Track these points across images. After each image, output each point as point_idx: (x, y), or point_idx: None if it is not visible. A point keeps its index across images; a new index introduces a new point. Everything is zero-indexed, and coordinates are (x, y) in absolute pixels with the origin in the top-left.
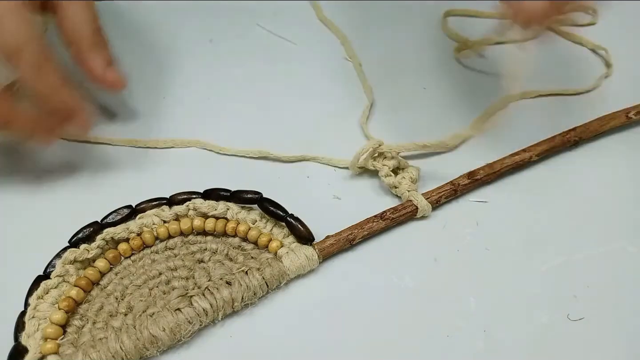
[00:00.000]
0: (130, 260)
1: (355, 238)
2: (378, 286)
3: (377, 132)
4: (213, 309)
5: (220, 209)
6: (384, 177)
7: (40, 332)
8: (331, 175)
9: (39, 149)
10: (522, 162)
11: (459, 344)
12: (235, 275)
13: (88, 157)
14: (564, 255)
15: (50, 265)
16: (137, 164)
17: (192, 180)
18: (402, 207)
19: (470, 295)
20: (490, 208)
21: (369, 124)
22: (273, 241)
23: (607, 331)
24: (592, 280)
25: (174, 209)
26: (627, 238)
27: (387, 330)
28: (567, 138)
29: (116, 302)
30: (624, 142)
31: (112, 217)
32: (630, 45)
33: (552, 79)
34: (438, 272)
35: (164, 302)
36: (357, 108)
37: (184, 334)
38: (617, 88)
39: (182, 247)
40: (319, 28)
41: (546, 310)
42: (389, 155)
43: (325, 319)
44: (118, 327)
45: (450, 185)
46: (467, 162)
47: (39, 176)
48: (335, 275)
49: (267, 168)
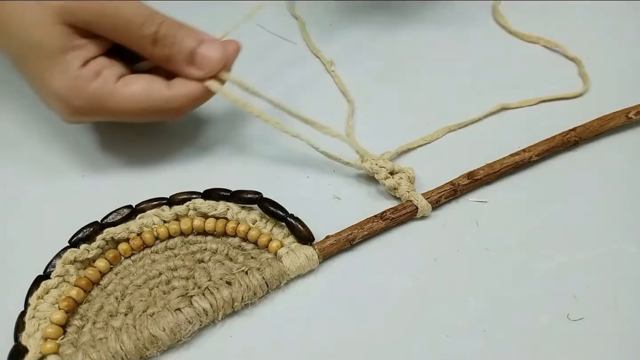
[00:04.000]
0: (130, 260)
1: (355, 238)
2: (378, 286)
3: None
4: (213, 309)
5: (220, 209)
6: (384, 180)
7: (40, 332)
8: (331, 175)
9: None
10: (522, 162)
11: (459, 344)
12: (235, 275)
13: (89, 158)
14: (564, 255)
15: (51, 265)
16: (137, 164)
17: (192, 180)
18: (402, 207)
19: (470, 295)
20: (490, 208)
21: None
22: (273, 241)
23: (607, 331)
24: (592, 280)
25: (174, 209)
26: (627, 238)
27: (387, 330)
28: (567, 138)
29: (116, 302)
30: (624, 142)
31: (112, 217)
32: (631, 45)
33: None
34: (438, 272)
35: (164, 302)
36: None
37: (184, 334)
38: (617, 88)
39: (182, 247)
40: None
41: (546, 310)
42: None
43: (325, 319)
44: (118, 327)
45: (450, 185)
46: (467, 162)
47: (40, 176)
48: (335, 275)
49: (268, 168)
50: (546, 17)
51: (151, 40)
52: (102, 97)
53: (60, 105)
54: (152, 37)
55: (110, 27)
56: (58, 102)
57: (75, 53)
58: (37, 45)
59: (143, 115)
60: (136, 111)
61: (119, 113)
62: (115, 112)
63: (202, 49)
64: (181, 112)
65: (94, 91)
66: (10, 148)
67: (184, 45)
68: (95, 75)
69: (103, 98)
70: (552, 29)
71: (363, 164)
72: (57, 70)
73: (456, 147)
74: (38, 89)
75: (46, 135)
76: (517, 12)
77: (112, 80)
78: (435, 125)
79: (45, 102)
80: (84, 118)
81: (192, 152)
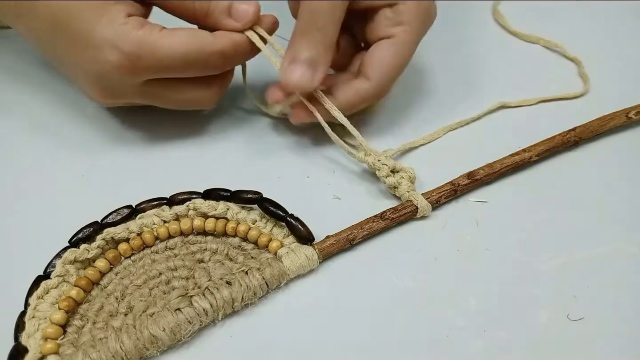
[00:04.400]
0: (130, 260)
1: (355, 238)
2: (378, 286)
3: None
4: (213, 309)
5: (220, 209)
6: (385, 178)
7: (40, 332)
8: (331, 175)
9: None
10: (522, 162)
11: (459, 344)
12: (235, 275)
13: (89, 157)
14: (564, 255)
15: (51, 265)
16: (137, 164)
17: (192, 180)
18: (402, 207)
19: (470, 295)
20: (490, 208)
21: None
22: (273, 241)
23: (607, 331)
24: (592, 280)
25: (174, 209)
26: (627, 238)
27: (387, 330)
28: (567, 138)
29: (116, 302)
30: (624, 142)
31: (112, 217)
32: (631, 45)
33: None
34: (438, 272)
35: (164, 302)
36: None
37: (184, 334)
38: (617, 88)
39: (182, 247)
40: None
41: (546, 310)
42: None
43: (325, 319)
44: (118, 327)
45: (450, 185)
46: (467, 162)
47: (40, 176)
48: (335, 275)
49: (268, 168)
50: (546, 17)
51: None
52: (151, 42)
53: (111, 54)
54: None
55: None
56: (108, 52)
57: (120, 7)
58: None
59: (189, 64)
60: (182, 57)
61: (165, 59)
62: (162, 57)
63: (236, 3)
64: (224, 64)
65: (142, 36)
66: (10, 148)
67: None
68: (140, 24)
69: (152, 41)
70: (552, 29)
71: (366, 158)
72: (105, 18)
73: (456, 147)
74: (82, 49)
75: (46, 135)
76: (517, 12)
77: (157, 30)
78: (434, 125)
79: (89, 63)
80: (130, 72)
81: (192, 152)
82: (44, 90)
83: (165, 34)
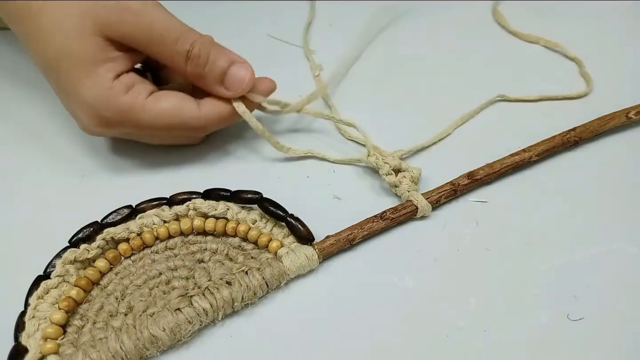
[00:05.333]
0: (130, 260)
1: (355, 238)
2: (378, 286)
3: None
4: (213, 309)
5: (220, 209)
6: (385, 176)
7: (40, 332)
8: (331, 175)
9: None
10: (522, 162)
11: (459, 344)
12: (235, 275)
13: (89, 157)
14: (564, 255)
15: (51, 265)
16: (137, 164)
17: (192, 180)
18: (402, 207)
19: (470, 295)
20: (490, 208)
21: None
22: (273, 241)
23: (607, 331)
24: (592, 280)
25: (174, 209)
26: (627, 238)
27: (387, 330)
28: (567, 138)
29: (116, 302)
30: (624, 142)
31: (112, 217)
32: (631, 45)
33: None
34: (438, 272)
35: (164, 302)
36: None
37: (184, 334)
38: (617, 88)
39: (182, 247)
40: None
41: (546, 310)
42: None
43: (325, 319)
44: (118, 327)
45: (450, 185)
46: (467, 162)
47: (40, 176)
48: (335, 275)
49: (268, 168)
50: (546, 17)
51: (184, 57)
52: (133, 110)
53: (90, 116)
54: (185, 54)
55: (145, 41)
56: (88, 113)
57: (108, 65)
58: (72, 54)
59: (170, 131)
60: (165, 126)
61: (147, 127)
62: (144, 125)
63: (232, 69)
64: (207, 130)
65: (125, 104)
66: (10, 148)
67: (216, 65)
68: (127, 88)
69: (134, 111)
70: (552, 29)
71: (369, 158)
72: (90, 80)
73: (456, 147)
74: (68, 98)
75: (46, 136)
76: (517, 12)
77: (144, 95)
78: (434, 125)
79: (73, 111)
80: (110, 130)
81: (192, 152)
82: (45, 90)
83: (151, 101)
